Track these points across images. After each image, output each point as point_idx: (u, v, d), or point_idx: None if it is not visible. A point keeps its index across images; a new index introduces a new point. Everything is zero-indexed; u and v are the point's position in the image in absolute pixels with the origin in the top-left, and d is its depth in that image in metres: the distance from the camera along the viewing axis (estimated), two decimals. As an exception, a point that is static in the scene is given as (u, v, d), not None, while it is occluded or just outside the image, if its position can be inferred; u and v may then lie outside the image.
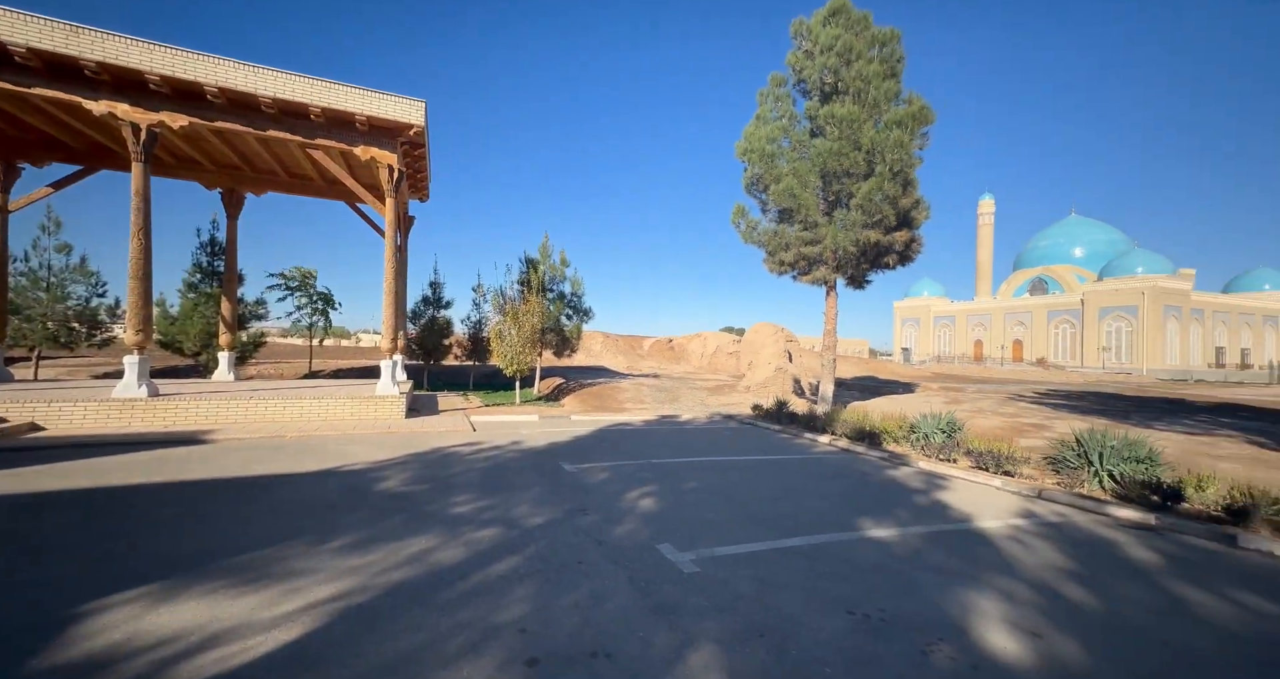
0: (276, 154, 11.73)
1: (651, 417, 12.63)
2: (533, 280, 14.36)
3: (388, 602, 3.11)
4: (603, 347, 33.33)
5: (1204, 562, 4.19)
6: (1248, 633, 3.08)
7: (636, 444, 8.93)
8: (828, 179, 10.48)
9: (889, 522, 4.98)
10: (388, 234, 10.74)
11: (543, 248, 15.66)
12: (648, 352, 34.13)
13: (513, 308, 13.15)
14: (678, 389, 18.10)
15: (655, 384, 19.26)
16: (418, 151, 11.47)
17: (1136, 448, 6.04)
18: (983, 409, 12.99)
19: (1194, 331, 53.11)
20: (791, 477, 6.83)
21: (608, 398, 15.28)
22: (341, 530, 4.31)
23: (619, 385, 17.78)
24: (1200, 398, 19.37)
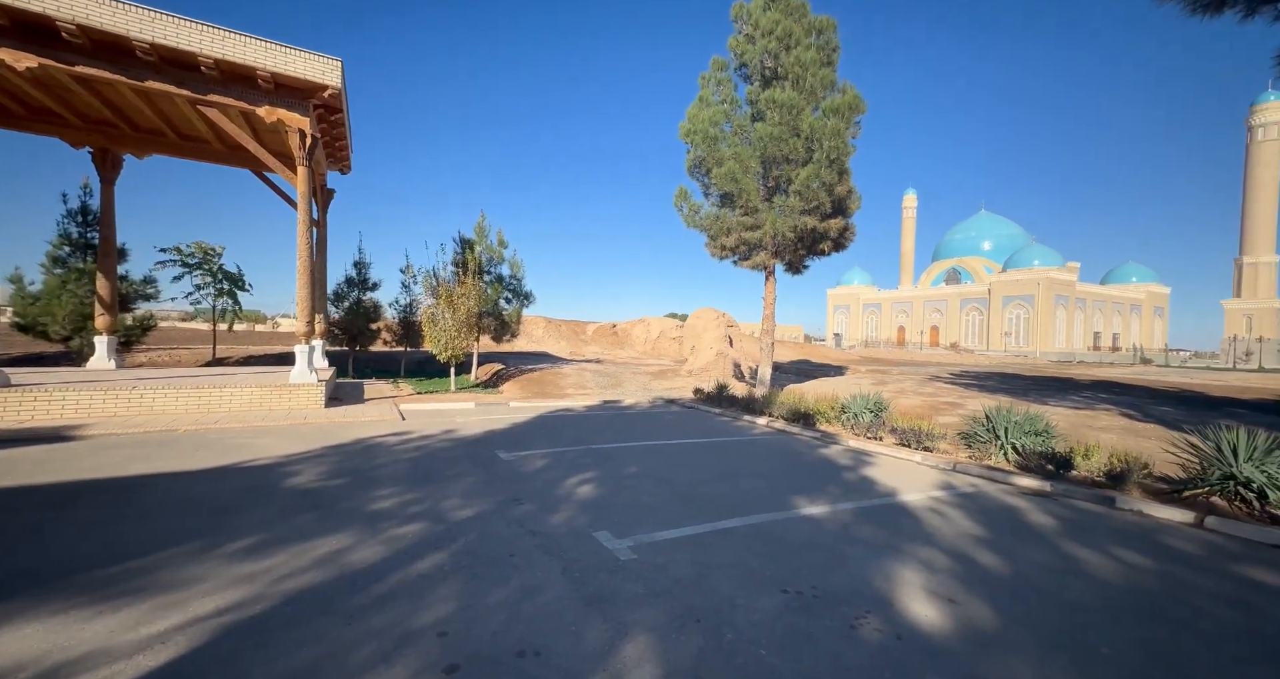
0: (162, 110, 10.23)
1: (594, 402, 12.46)
2: (468, 261, 13.60)
3: (286, 611, 2.76)
4: (545, 332, 32.57)
5: (1089, 523, 4.62)
6: (1126, 585, 3.39)
7: (577, 430, 8.74)
8: (768, 165, 10.59)
9: (821, 499, 5.12)
10: (300, 207, 9.71)
11: (479, 227, 14.87)
12: (591, 337, 33.77)
13: (446, 290, 12.40)
14: (621, 374, 18.01)
15: (598, 369, 19.07)
16: (335, 117, 10.41)
17: (1035, 422, 6.60)
18: (905, 389, 13.89)
19: (1077, 318, 59.86)
20: (730, 459, 6.92)
21: (549, 384, 14.93)
22: (238, 533, 3.83)
23: (561, 371, 17.43)
24: (1082, 376, 21.84)
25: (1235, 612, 3.07)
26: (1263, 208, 54.91)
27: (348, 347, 16.43)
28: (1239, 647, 2.70)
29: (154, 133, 11.23)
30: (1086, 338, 60.69)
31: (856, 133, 10.24)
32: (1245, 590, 3.35)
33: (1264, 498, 4.53)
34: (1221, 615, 3.01)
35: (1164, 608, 3.09)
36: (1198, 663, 2.55)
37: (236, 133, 9.14)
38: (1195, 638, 2.77)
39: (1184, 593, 3.29)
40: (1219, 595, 3.27)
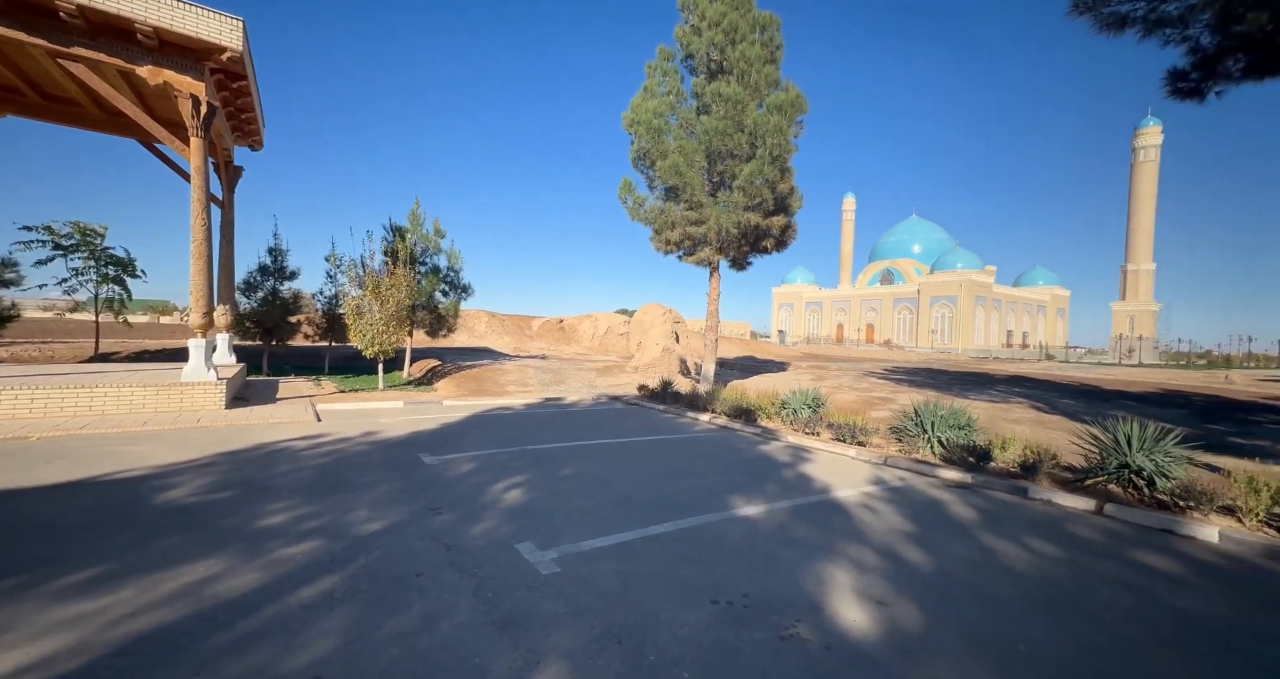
0: (16, 64, 8.73)
1: (534, 399, 12.00)
2: (400, 251, 12.68)
3: (116, 664, 2.26)
4: (487, 327, 31.37)
5: (1005, 514, 4.80)
6: (1039, 576, 3.48)
7: (513, 429, 8.31)
8: (713, 159, 10.52)
9: (758, 498, 5.04)
10: (195, 183, 8.58)
11: (413, 215, 13.92)
12: (537, 332, 32.91)
13: (374, 280, 11.48)
14: (565, 370, 17.57)
15: (542, 365, 18.52)
16: (238, 84, 9.29)
17: (958, 417, 6.88)
18: (842, 385, 14.38)
19: (994, 317, 65.16)
20: (671, 457, 6.76)
21: (488, 381, 14.27)
22: (79, 563, 3.20)
23: (502, 367, 16.75)
24: (998, 371, 23.65)
25: (1133, 597, 3.20)
26: (1143, 221, 61.93)
27: (262, 341, 14.97)
28: (1136, 633, 2.78)
29: (6, 90, 9.58)
30: (1001, 335, 66.18)
31: (799, 132, 10.37)
32: (1140, 575, 3.52)
33: (1152, 485, 4.87)
34: (1122, 603, 3.13)
35: (1072, 598, 3.17)
36: (1103, 655, 2.59)
37: (113, 96, 7.93)
38: (1100, 628, 2.84)
39: (1089, 581, 3.41)
40: (1118, 582, 3.41)
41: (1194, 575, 3.56)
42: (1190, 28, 5.49)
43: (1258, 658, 2.61)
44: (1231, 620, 2.96)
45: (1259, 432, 8.86)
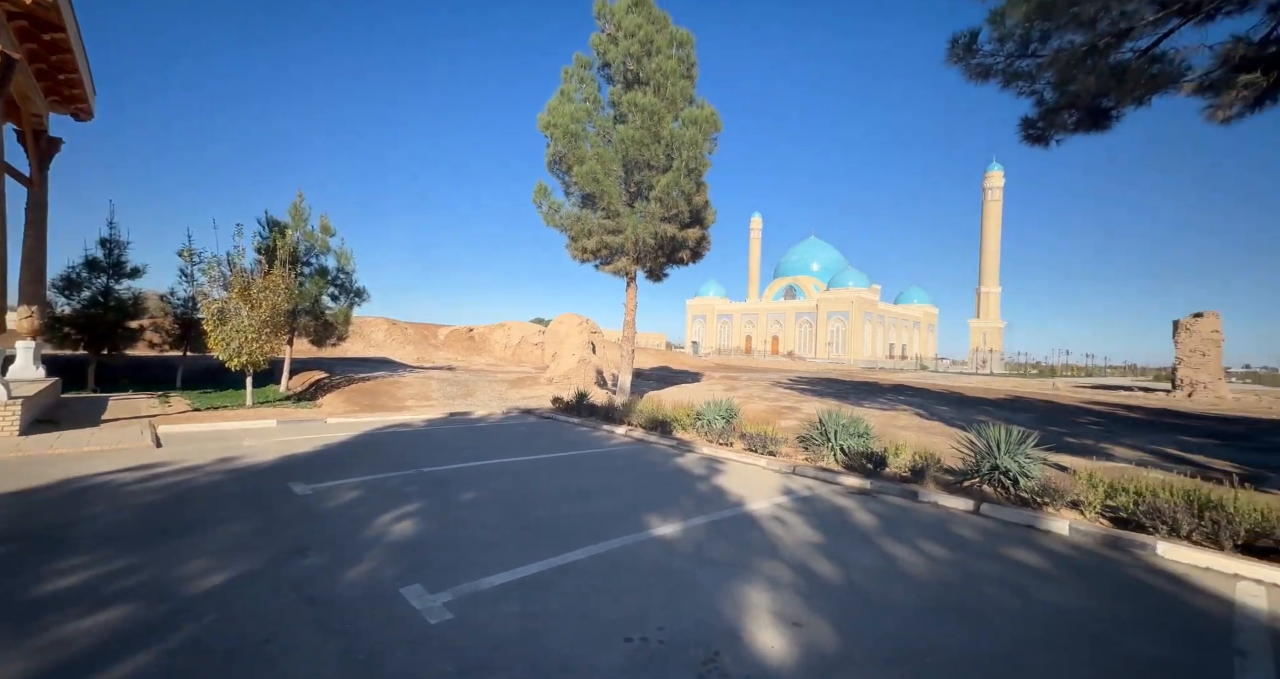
0: None
1: (437, 415, 11.04)
2: (278, 248, 11.12)
3: None
4: (387, 335, 28.78)
5: (900, 518, 5.08)
6: (934, 579, 3.65)
7: (410, 449, 7.49)
8: (630, 169, 10.49)
9: (675, 515, 4.88)
10: (-14, 150, 6.81)
11: (295, 209, 12.34)
12: (444, 341, 30.81)
13: (243, 281, 9.92)
14: (474, 382, 16.52)
15: (448, 377, 17.28)
16: (53, 37, 7.58)
17: (857, 425, 7.31)
18: (753, 395, 14.95)
19: (878, 331, 72.58)
20: (584, 475, 6.44)
21: (384, 395, 12.95)
22: None
23: (402, 379, 15.35)
24: (884, 381, 26.19)
25: (1013, 596, 3.44)
26: (990, 250, 72.91)
27: (88, 351, 12.33)
28: (1020, 632, 2.96)
29: None
30: (884, 348, 73.83)
31: (713, 149, 10.70)
32: (1016, 573, 3.82)
33: (1017, 484, 5.44)
34: (1005, 603, 3.34)
35: (965, 601, 3.33)
36: (999, 661, 2.70)
37: None
38: (991, 632, 2.98)
39: (976, 583, 3.63)
40: (1000, 580, 3.67)
41: (1056, 568, 3.94)
42: (1037, 83, 6.40)
43: (1121, 648, 2.86)
44: (1092, 610, 3.26)
45: (1084, 431, 10.47)
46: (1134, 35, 5.38)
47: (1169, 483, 4.82)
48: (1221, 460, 7.76)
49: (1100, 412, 14.68)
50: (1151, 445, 8.90)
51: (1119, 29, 5.27)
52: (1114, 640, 2.91)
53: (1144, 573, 3.91)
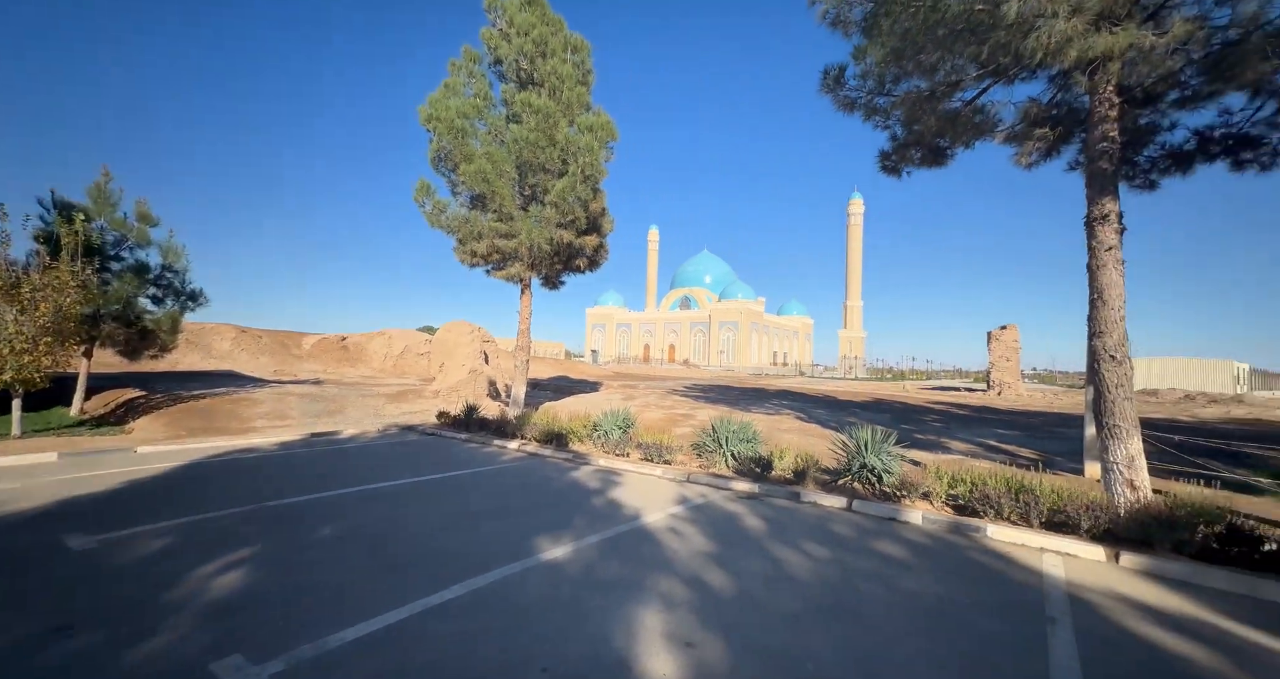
0: None
1: (295, 436, 9.55)
2: (66, 238, 8.85)
3: None
4: (235, 345, 24.54)
5: (786, 519, 5.31)
6: (816, 581, 3.80)
7: (251, 481, 6.30)
8: (524, 171, 10.07)
9: (567, 535, 4.60)
10: None
11: (97, 190, 9.98)
12: (310, 352, 27.07)
13: (8, 278, 7.71)
14: (346, 397, 14.68)
15: (313, 392, 15.16)
16: None
17: (746, 430, 7.63)
18: (649, 403, 15.11)
19: (764, 341, 78.55)
20: (469, 497, 5.88)
21: (225, 415, 10.93)
22: None
23: (251, 396, 13.13)
24: (770, 386, 28.22)
25: (883, 589, 3.69)
26: (854, 268, 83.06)
27: None
28: (892, 626, 3.15)
29: None
30: (769, 356, 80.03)
31: (609, 157, 10.68)
32: (884, 566, 4.13)
33: (881, 480, 5.99)
34: (877, 597, 3.56)
35: (843, 600, 3.49)
36: (875, 658, 2.82)
37: None
38: (867, 628, 3.13)
39: (852, 579, 3.84)
40: (871, 575, 3.93)
41: (913, 556, 4.33)
42: (890, 120, 7.27)
43: (966, 628, 3.16)
44: (941, 596, 3.60)
45: (929, 428, 12.06)
46: (962, 87, 6.33)
47: (995, 471, 5.62)
48: (1025, 448, 9.35)
49: (939, 410, 17.12)
50: (978, 438, 10.49)
51: (951, 80, 6.17)
52: (959, 621, 3.21)
53: (978, 554, 4.45)
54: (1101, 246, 5.15)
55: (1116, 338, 5.04)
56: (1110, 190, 5.24)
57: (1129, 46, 4.68)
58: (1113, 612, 3.41)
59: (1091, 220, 5.29)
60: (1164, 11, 5.15)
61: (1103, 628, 3.19)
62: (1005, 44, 5.03)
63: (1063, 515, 4.71)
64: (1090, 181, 5.39)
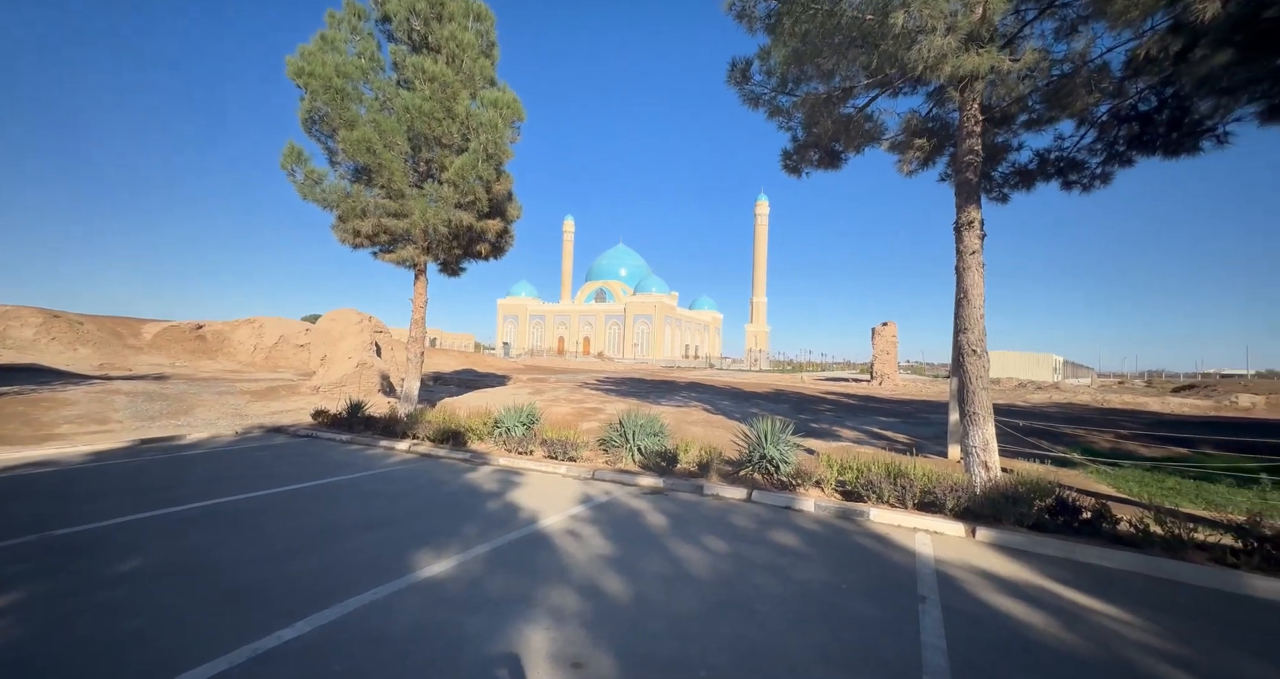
0: None
1: (118, 444, 7.89)
2: None
3: None
4: (42, 333, 19.87)
5: (689, 514, 5.27)
6: (715, 578, 3.74)
7: (36, 504, 5.01)
8: (418, 144, 9.11)
9: (454, 546, 4.15)
10: None
11: None
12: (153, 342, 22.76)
13: None
14: (197, 395, 12.54)
15: (151, 390, 12.77)
16: None
17: (653, 424, 7.56)
18: (559, 397, 14.67)
19: (676, 334, 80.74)
20: (342, 507, 5.15)
21: (15, 419, 8.76)
22: None
23: (58, 395, 10.71)
24: (680, 378, 28.93)
25: (777, 581, 3.72)
26: (759, 266, 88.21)
27: None
28: (783, 620, 3.15)
29: None
30: (681, 349, 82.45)
31: (515, 137, 10.02)
32: (779, 556, 4.19)
33: (779, 469, 6.20)
34: (771, 590, 3.58)
35: (739, 596, 3.46)
36: (765, 656, 2.78)
37: None
38: (760, 625, 3.10)
39: (748, 573, 3.84)
40: (766, 567, 3.96)
41: (805, 545, 4.47)
42: (792, 120, 7.54)
43: (850, 614, 3.24)
44: (828, 582, 3.70)
45: (823, 417, 12.96)
46: (855, 93, 6.71)
47: (877, 458, 6.03)
48: (901, 434, 10.34)
49: (832, 400, 18.58)
50: (864, 425, 11.44)
51: (846, 86, 6.50)
52: (844, 608, 3.30)
53: (863, 537, 4.70)
54: (967, 250, 5.71)
55: (978, 334, 5.62)
56: (975, 199, 5.82)
57: (990, 69, 5.15)
58: (970, 585, 3.72)
59: (959, 226, 5.84)
60: (1019, 39, 5.78)
61: (961, 602, 3.45)
62: (892, 54, 5.32)
63: (932, 496, 5.14)
64: (959, 191, 5.95)
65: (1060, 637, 3.01)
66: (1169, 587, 3.80)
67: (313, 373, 15.90)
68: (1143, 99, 5.87)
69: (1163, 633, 3.10)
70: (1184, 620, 3.27)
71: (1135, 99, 5.89)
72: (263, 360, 21.77)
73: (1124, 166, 6.56)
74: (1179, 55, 4.71)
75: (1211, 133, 5.70)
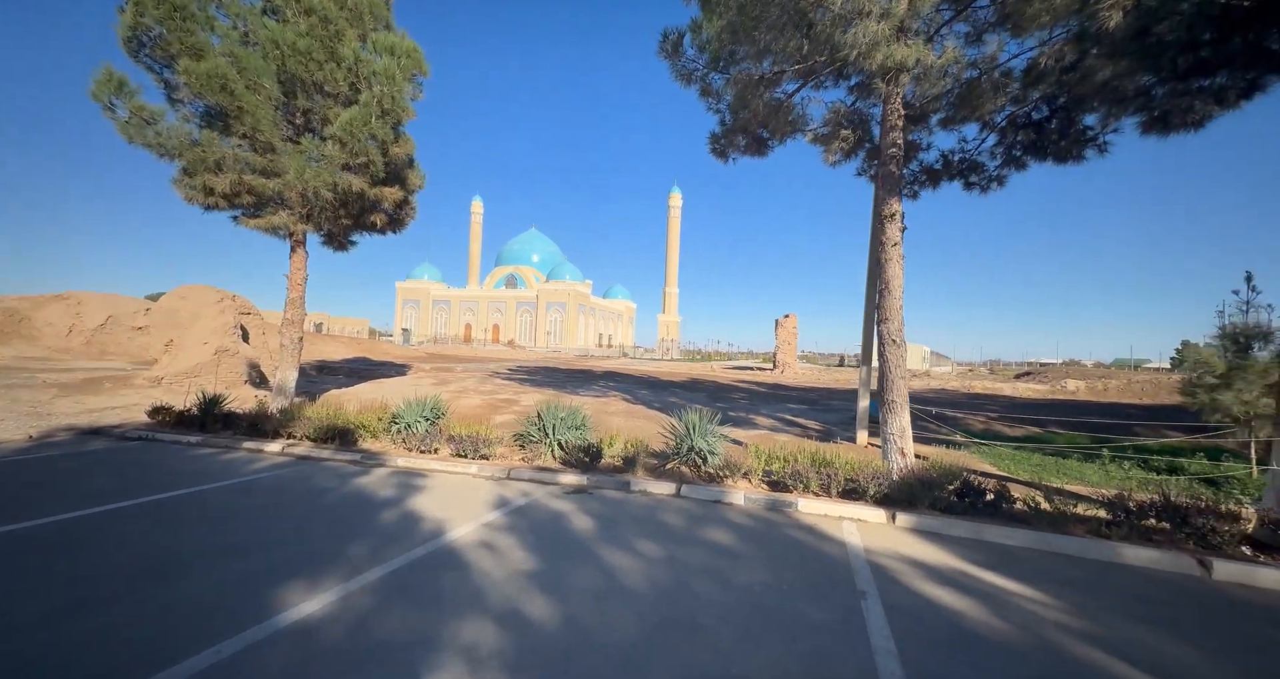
0: None
1: None
2: None
3: None
4: None
5: (616, 515, 4.87)
6: (648, 589, 3.37)
7: None
8: (292, 90, 7.59)
9: (332, 575, 3.36)
10: None
11: None
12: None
13: None
14: (-21, 392, 9.72)
15: (-95, 385, 9.69)
16: None
17: (574, 416, 7.04)
18: (467, 388, 13.54)
19: (590, 322, 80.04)
20: (179, 532, 4.05)
21: None
22: None
23: None
24: (597, 368, 28.48)
25: (716, 586, 3.44)
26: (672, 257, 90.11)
27: None
28: (728, 633, 2.86)
29: None
30: (595, 337, 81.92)
31: (418, 95, 8.77)
32: (714, 557, 3.93)
33: (706, 461, 6.01)
34: (711, 597, 3.28)
35: (678, 610, 3.12)
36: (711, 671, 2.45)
37: None
38: (704, 643, 2.78)
39: (685, 579, 3.52)
40: (703, 571, 3.67)
41: (740, 542, 4.27)
42: (721, 103, 7.32)
43: (796, 618, 3.04)
44: (768, 584, 3.50)
45: (738, 405, 13.25)
46: (786, 78, 6.62)
47: (802, 447, 6.06)
48: (812, 421, 10.81)
49: (744, 388, 19.25)
50: (777, 413, 11.83)
51: (777, 70, 6.38)
52: (790, 614, 3.10)
53: (794, 530, 4.62)
54: (889, 242, 5.87)
55: (898, 324, 5.83)
56: (897, 192, 6.00)
57: (916, 61, 5.25)
58: (902, 575, 3.72)
59: (882, 218, 6.00)
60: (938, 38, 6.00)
61: (898, 594, 3.41)
62: (828, 36, 5.21)
63: (854, 484, 5.22)
64: (882, 183, 6.10)
65: (993, 626, 3.04)
66: (1062, 560, 4.10)
67: (154, 361, 13.14)
68: (1036, 108, 6.44)
69: (1071, 610, 3.26)
70: (1085, 594, 3.50)
71: (1031, 107, 6.45)
72: (83, 345, 17.65)
73: (1019, 170, 7.23)
74: (1074, 65, 5.16)
75: (1094, 142, 6.42)
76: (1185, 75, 3.86)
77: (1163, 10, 3.77)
